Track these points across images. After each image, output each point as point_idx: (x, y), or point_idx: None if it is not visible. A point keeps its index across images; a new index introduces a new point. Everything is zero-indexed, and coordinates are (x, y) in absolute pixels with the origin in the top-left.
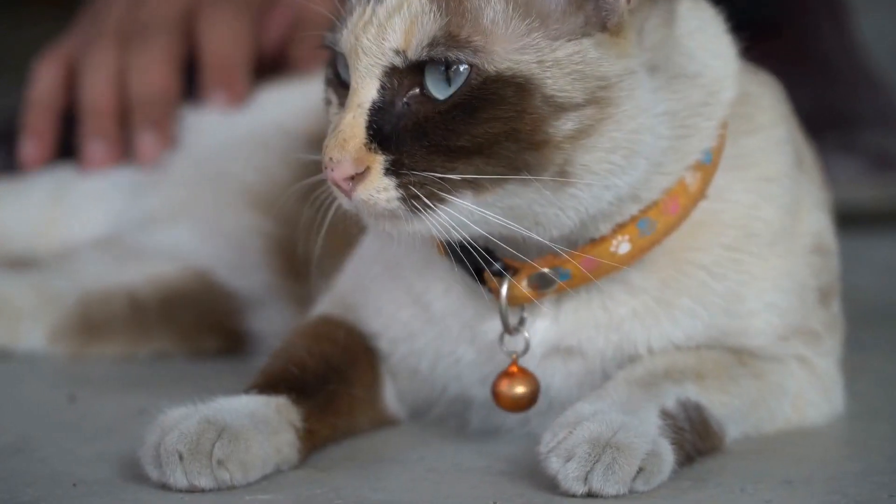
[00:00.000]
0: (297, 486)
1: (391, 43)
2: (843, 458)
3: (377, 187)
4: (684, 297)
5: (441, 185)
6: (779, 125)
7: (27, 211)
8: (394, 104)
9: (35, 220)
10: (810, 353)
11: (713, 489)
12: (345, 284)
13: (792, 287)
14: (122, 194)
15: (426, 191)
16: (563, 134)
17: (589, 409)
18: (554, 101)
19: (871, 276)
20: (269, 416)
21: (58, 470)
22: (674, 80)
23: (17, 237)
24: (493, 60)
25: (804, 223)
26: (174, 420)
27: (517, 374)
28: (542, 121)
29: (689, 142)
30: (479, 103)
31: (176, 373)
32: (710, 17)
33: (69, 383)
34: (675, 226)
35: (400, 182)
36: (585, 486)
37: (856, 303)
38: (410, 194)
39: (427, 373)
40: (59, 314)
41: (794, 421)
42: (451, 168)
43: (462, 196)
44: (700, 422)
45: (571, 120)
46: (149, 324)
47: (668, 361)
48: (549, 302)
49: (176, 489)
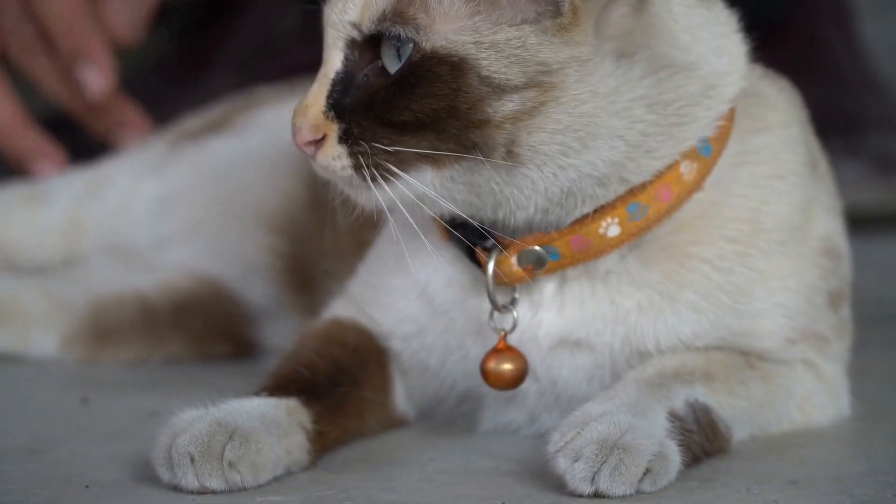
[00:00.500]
0: (308, 487)
1: (350, 16)
2: (848, 458)
3: (332, 154)
4: (688, 291)
5: (390, 156)
6: (791, 126)
7: (47, 220)
8: (354, 75)
9: (54, 230)
10: (818, 357)
11: (719, 489)
12: (357, 285)
13: (800, 288)
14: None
15: (373, 161)
16: (503, 114)
17: (597, 410)
18: (491, 81)
19: (875, 277)
20: (280, 419)
21: (71, 471)
22: (662, 69)
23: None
24: (431, 38)
25: (815, 225)
26: (185, 422)
27: (504, 352)
28: (479, 100)
29: (683, 129)
30: (416, 80)
31: (187, 376)
32: (717, 15)
33: (81, 386)
34: (667, 213)
35: (350, 151)
36: (592, 487)
37: (860, 304)
38: (360, 163)
39: (437, 369)
40: (71, 320)
41: (801, 423)
42: (399, 141)
43: (420, 171)
44: (708, 423)
45: (512, 101)
46: (160, 330)
47: (678, 362)
48: (553, 294)
49: (187, 491)
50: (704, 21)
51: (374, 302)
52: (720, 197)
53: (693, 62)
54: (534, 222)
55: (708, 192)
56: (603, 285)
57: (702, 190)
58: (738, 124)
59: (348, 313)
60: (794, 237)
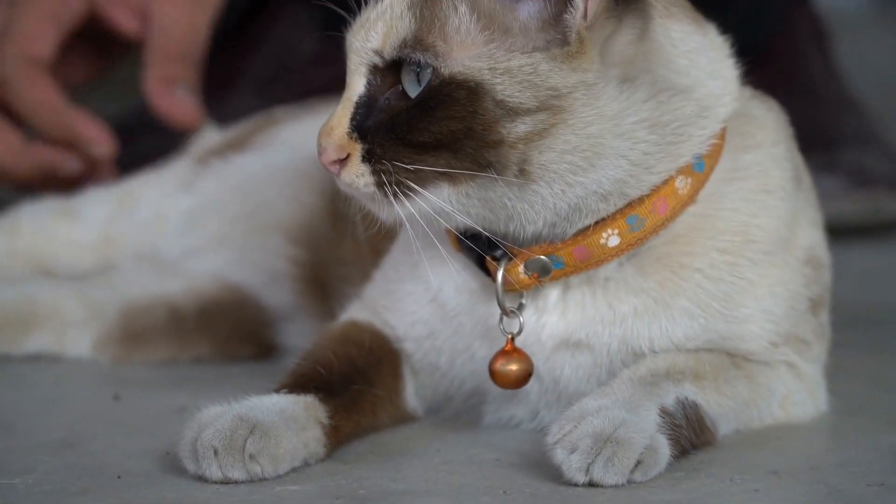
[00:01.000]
0: (324, 477)
1: (372, 44)
2: (825, 450)
3: (356, 172)
4: (682, 298)
5: (410, 174)
6: (779, 144)
7: (81, 235)
8: (376, 99)
9: (88, 246)
10: (799, 359)
11: (705, 479)
12: (372, 290)
13: (785, 295)
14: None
15: (395, 179)
16: (516, 135)
17: (594, 405)
18: (505, 104)
19: (852, 283)
20: (298, 414)
21: (103, 463)
22: (662, 92)
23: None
24: (449, 64)
25: (799, 237)
26: (210, 417)
27: (512, 353)
28: (494, 122)
29: (679, 147)
30: (435, 103)
31: (212, 374)
32: (711, 40)
33: (114, 384)
34: (663, 225)
35: (373, 169)
36: (587, 477)
37: (838, 307)
38: (382, 181)
39: (446, 369)
40: (104, 324)
41: (782, 419)
42: (419, 160)
43: (438, 187)
44: (696, 419)
45: (525, 123)
46: (188, 333)
47: (669, 362)
48: (556, 299)
49: (211, 481)
50: (700, 47)
51: (389, 306)
52: (712, 210)
53: (690, 85)
54: (541, 235)
55: (701, 205)
56: (602, 291)
57: (695, 203)
58: (729, 142)
59: (364, 316)
60: (780, 248)
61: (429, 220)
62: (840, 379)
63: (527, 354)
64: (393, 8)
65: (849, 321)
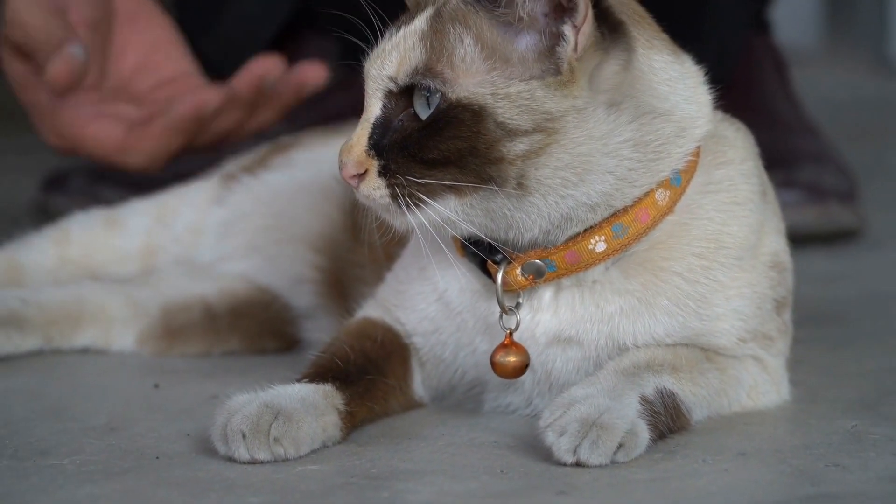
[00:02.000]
0: (340, 458)
1: (388, 71)
2: (788, 434)
3: (373, 185)
4: (662, 298)
5: (421, 187)
6: (747, 161)
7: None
8: (391, 120)
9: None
10: (764, 353)
11: (680, 460)
12: (385, 291)
13: (753, 296)
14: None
15: (407, 191)
16: (515, 153)
17: (581, 394)
18: (505, 126)
19: (808, 285)
20: (318, 401)
21: (144, 445)
22: (645, 115)
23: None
24: (455, 90)
25: (765, 244)
26: (238, 404)
27: (510, 347)
28: (496, 141)
29: (659, 163)
30: (443, 124)
31: (241, 366)
32: (688, 69)
33: (154, 374)
34: (644, 233)
35: (388, 182)
36: (574, 457)
37: (798, 306)
38: (396, 193)
39: (450, 361)
40: (146, 321)
41: (749, 407)
42: (429, 175)
43: (445, 198)
44: (673, 407)
45: (523, 142)
46: (220, 329)
47: (650, 356)
48: (549, 299)
49: (240, 462)
50: (679, 75)
51: (400, 305)
52: (689, 219)
53: (669, 109)
54: (537, 241)
55: (678, 215)
56: (590, 293)
57: (673, 213)
58: (703, 159)
59: (377, 314)
60: (748, 254)
61: (437, 228)
62: (801, 370)
63: (524, 348)
64: (406, 40)
65: (807, 318)
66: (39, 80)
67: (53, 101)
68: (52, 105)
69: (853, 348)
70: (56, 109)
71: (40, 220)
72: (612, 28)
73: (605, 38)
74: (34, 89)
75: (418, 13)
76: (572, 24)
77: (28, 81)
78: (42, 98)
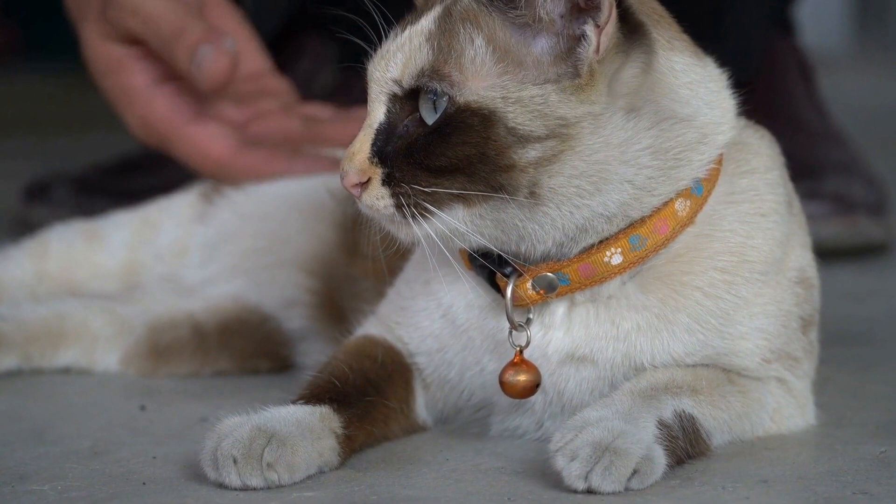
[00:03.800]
0: (338, 484)
1: (392, 73)
2: (813, 460)
3: (376, 195)
4: (682, 314)
5: (427, 196)
6: (772, 170)
7: (105, 262)
8: (396, 126)
9: (112, 274)
10: (789, 375)
11: (698, 487)
12: (386, 307)
13: (778, 314)
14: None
15: (413, 201)
16: (527, 160)
17: (595, 416)
18: (516, 132)
19: (834, 301)
20: (314, 424)
21: (129, 470)
22: (665, 120)
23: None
24: (464, 93)
25: (791, 258)
26: (229, 427)
27: (520, 365)
28: (506, 147)
29: (679, 171)
30: (451, 130)
31: (232, 386)
32: (710, 72)
33: (140, 395)
34: (663, 245)
35: (393, 192)
36: (585, 484)
37: (822, 324)
38: (401, 203)
39: (456, 381)
40: (131, 340)
41: (773, 431)
42: (436, 183)
43: (453, 209)
44: (692, 431)
45: (535, 149)
46: (210, 349)
47: (668, 377)
48: (562, 315)
49: (231, 488)
50: (700, 78)
51: (402, 322)
52: (710, 231)
53: (691, 114)
54: (550, 254)
55: (699, 226)
56: (605, 309)
57: (694, 225)
58: (725, 168)
59: (378, 332)
60: (774, 268)
61: (445, 239)
62: (826, 392)
63: (535, 366)
64: (412, 40)
65: (833, 337)
66: (137, 64)
67: (174, 96)
68: (149, 93)
69: (882, 369)
70: (152, 99)
71: (20, 232)
72: (631, 29)
73: (626, 40)
74: (129, 73)
75: (425, 12)
76: (595, 23)
77: (123, 65)
78: (137, 83)
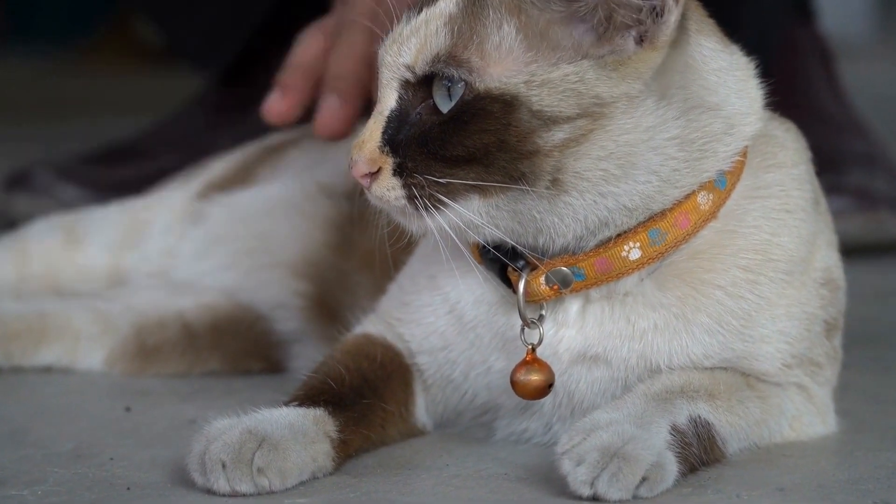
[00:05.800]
0: (332, 490)
1: (404, 59)
2: (832, 467)
3: (387, 186)
4: (702, 314)
5: (441, 187)
6: (799, 165)
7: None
8: (408, 114)
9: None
10: (810, 382)
11: (712, 495)
12: (387, 303)
13: (802, 316)
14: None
15: (426, 192)
16: (553, 143)
17: (605, 419)
18: (542, 115)
19: (855, 301)
20: (307, 427)
21: (114, 474)
22: (693, 109)
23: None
24: (485, 80)
25: (817, 258)
26: (218, 430)
27: (533, 363)
28: (530, 132)
29: (703, 163)
30: (468, 117)
31: (222, 387)
32: (737, 60)
33: (126, 396)
34: (684, 240)
35: (404, 182)
36: (591, 490)
37: (844, 325)
38: (413, 194)
39: (460, 381)
40: (117, 339)
41: (792, 439)
42: (450, 174)
43: (468, 200)
44: (707, 438)
45: (563, 130)
46: (200, 349)
47: (685, 380)
48: (576, 312)
49: (220, 494)
50: (728, 65)
51: (404, 318)
52: (734, 227)
53: (718, 103)
54: (569, 248)
55: (722, 221)
56: (621, 306)
57: (716, 219)
58: (750, 161)
59: (377, 330)
60: (799, 268)
61: (458, 232)
62: (847, 397)
63: (548, 365)
64: (428, 24)
65: (854, 339)
66: None
67: None
68: None
69: None
70: None
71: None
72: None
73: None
74: None
75: None
76: None
77: None
78: None
